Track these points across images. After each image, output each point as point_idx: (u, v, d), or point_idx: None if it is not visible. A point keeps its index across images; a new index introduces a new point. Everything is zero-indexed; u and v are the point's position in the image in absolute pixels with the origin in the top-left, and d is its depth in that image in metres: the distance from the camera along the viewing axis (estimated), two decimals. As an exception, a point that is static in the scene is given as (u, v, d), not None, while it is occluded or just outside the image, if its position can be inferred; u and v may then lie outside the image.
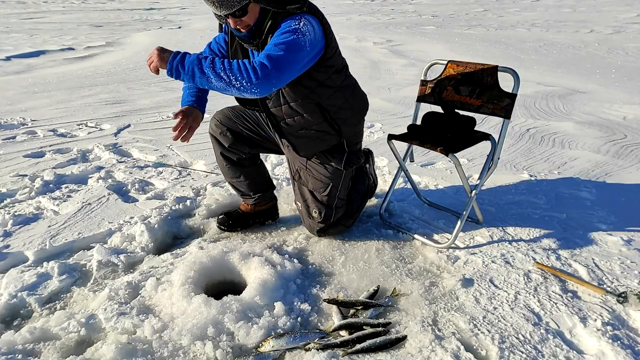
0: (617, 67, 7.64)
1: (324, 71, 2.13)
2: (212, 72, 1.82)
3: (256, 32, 2.05)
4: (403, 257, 2.35)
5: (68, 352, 1.75)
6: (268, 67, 1.82)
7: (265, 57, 1.85)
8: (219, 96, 2.35)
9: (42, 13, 18.98)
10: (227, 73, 1.81)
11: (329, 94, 2.21)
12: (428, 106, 2.68)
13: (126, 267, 2.30)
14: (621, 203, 2.92)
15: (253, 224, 2.67)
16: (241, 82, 1.81)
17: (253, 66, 1.82)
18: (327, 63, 2.13)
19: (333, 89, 2.22)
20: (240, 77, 1.80)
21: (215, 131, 2.49)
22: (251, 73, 1.80)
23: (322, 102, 2.20)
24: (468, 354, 1.70)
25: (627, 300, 1.97)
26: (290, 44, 1.89)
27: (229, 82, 1.81)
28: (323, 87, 2.16)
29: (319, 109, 2.20)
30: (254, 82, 1.81)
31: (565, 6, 18.74)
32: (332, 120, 2.26)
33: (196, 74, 1.83)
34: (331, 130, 2.29)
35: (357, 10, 19.69)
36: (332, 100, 2.23)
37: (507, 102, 2.32)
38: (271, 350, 1.73)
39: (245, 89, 1.82)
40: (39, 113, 5.06)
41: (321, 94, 2.17)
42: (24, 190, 3.10)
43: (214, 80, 1.83)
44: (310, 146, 2.33)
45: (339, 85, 2.24)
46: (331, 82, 2.19)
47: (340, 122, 2.29)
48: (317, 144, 2.33)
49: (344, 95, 2.27)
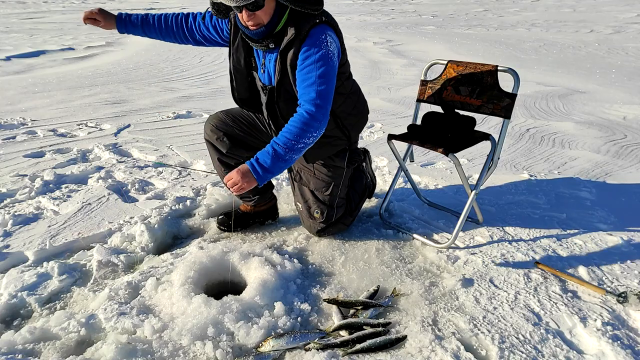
0: (617, 67, 7.64)
1: (338, 79, 2.13)
2: (290, 153, 1.96)
3: (268, 32, 1.99)
4: (403, 257, 2.35)
5: (68, 352, 1.75)
6: (322, 105, 1.95)
7: (317, 96, 1.95)
8: (218, 96, 2.35)
9: (42, 13, 18.98)
10: (299, 140, 1.95)
11: (341, 101, 2.24)
12: (428, 106, 2.68)
13: (126, 267, 2.30)
14: (621, 203, 2.92)
15: (253, 224, 2.67)
16: (313, 135, 1.98)
17: (311, 115, 1.95)
18: (341, 70, 2.14)
19: (344, 95, 2.25)
20: (309, 134, 1.96)
21: (211, 137, 2.43)
22: (315, 123, 1.96)
23: (335, 109, 2.21)
24: (468, 354, 1.70)
25: (627, 300, 1.97)
26: (328, 74, 1.97)
27: (305, 144, 1.98)
28: (336, 94, 2.15)
29: (332, 116, 2.20)
30: (320, 125, 1.98)
31: (565, 6, 18.74)
32: (342, 127, 2.29)
33: (284, 166, 1.99)
34: (342, 135, 2.32)
35: (357, 10, 19.68)
36: (343, 107, 2.26)
37: (507, 102, 2.32)
38: (271, 350, 1.73)
39: (318, 135, 2.00)
40: (39, 113, 5.06)
41: (335, 101, 2.16)
42: (24, 190, 3.10)
43: (297, 154, 2.00)
44: (320, 152, 2.33)
45: (349, 92, 2.28)
46: (343, 89, 2.23)
47: (350, 127, 2.32)
48: (327, 149, 2.34)
49: (353, 101, 2.31)
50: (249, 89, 2.31)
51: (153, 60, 8.85)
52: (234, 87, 2.33)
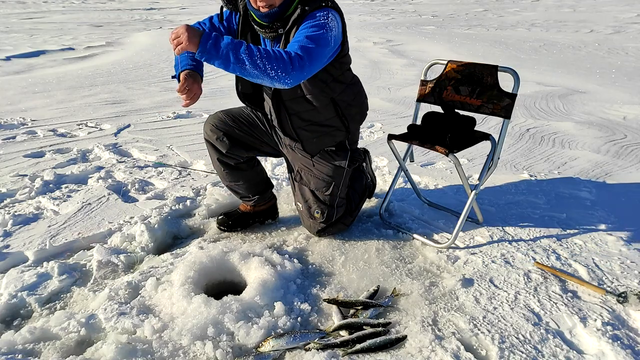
0: (617, 67, 7.64)
1: (338, 67, 2.17)
2: (249, 58, 1.73)
3: (278, 17, 1.99)
4: (403, 257, 2.35)
5: (68, 352, 1.75)
6: (303, 58, 1.81)
7: (299, 48, 1.83)
8: (218, 96, 2.35)
9: (42, 13, 18.98)
10: (264, 61, 1.74)
11: (341, 89, 2.25)
12: (428, 106, 2.68)
13: (126, 267, 2.30)
14: (621, 203, 2.92)
15: (253, 224, 2.67)
16: (276, 71, 1.75)
17: (290, 56, 1.78)
18: (343, 60, 2.19)
19: (345, 84, 2.27)
20: (276, 66, 1.75)
21: (210, 137, 2.43)
22: (287, 63, 1.77)
23: (335, 97, 2.23)
24: (468, 354, 1.69)
25: (627, 300, 1.97)
26: (320, 38, 1.89)
27: (264, 70, 1.75)
28: (337, 82, 2.20)
29: (332, 103, 2.24)
30: (290, 72, 1.77)
31: (565, 6, 18.74)
32: (342, 116, 2.30)
33: (230, 59, 1.73)
34: (341, 125, 2.32)
35: (357, 10, 19.69)
36: (343, 96, 2.27)
37: (507, 102, 2.32)
38: (271, 350, 1.73)
39: (280, 78, 1.77)
40: (39, 113, 5.06)
41: (335, 89, 2.21)
42: (24, 190, 3.10)
43: (249, 67, 1.74)
44: (318, 142, 2.34)
45: (349, 82, 2.30)
46: (344, 78, 2.25)
47: (350, 118, 2.33)
48: (326, 139, 2.34)
49: (353, 92, 2.33)
50: (252, 84, 2.31)
51: (153, 60, 8.85)
52: (239, 80, 2.31)
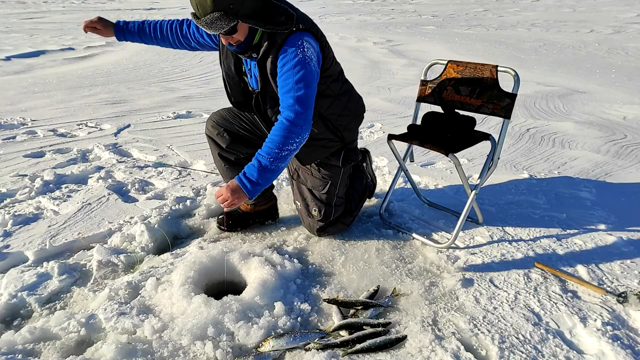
0: (617, 67, 7.64)
1: (322, 82, 2.15)
2: (276, 162, 1.94)
3: (247, 46, 2.06)
4: (403, 257, 2.35)
5: (68, 352, 1.75)
6: (301, 111, 1.94)
7: (295, 102, 1.94)
8: (218, 96, 2.35)
9: (42, 13, 18.98)
10: (282, 148, 1.94)
11: (328, 104, 2.24)
12: (428, 106, 2.68)
13: (126, 267, 2.30)
14: (621, 203, 2.92)
15: (253, 224, 2.67)
16: (295, 141, 1.96)
17: (291, 121, 1.94)
18: (326, 74, 2.16)
19: (332, 98, 2.25)
20: (292, 140, 1.94)
21: (212, 132, 2.49)
22: (295, 129, 1.94)
23: (323, 112, 2.23)
24: (468, 354, 1.70)
25: (627, 300, 1.97)
26: (306, 79, 1.96)
27: (289, 152, 1.96)
28: (323, 97, 2.18)
29: (321, 119, 2.24)
30: (302, 131, 1.96)
31: (565, 6, 18.73)
32: (334, 128, 2.30)
33: (269, 177, 1.97)
34: (334, 137, 2.33)
35: (357, 10, 19.68)
36: (331, 109, 2.26)
37: (507, 102, 2.32)
38: (271, 350, 1.73)
39: (300, 140, 1.98)
40: (39, 113, 5.06)
41: (322, 104, 2.20)
42: (24, 190, 3.10)
43: (284, 162, 1.97)
44: (314, 155, 2.36)
45: (337, 94, 2.28)
46: (330, 91, 2.23)
47: (342, 128, 2.33)
48: (321, 151, 2.35)
49: (342, 102, 2.31)
50: (243, 93, 2.33)
51: (153, 60, 8.85)
52: (229, 93, 2.35)
